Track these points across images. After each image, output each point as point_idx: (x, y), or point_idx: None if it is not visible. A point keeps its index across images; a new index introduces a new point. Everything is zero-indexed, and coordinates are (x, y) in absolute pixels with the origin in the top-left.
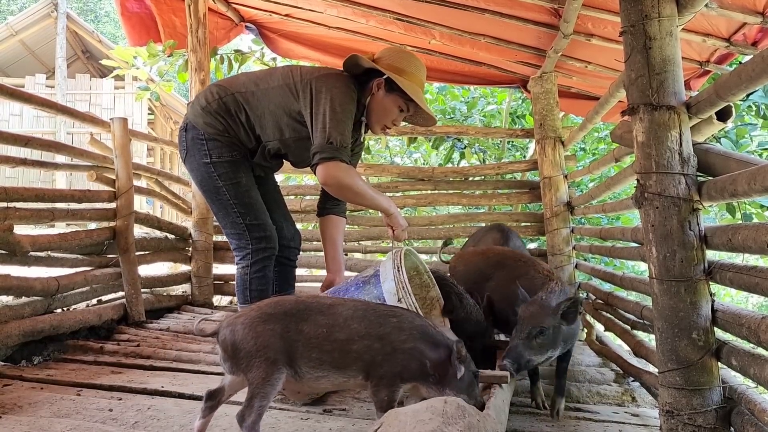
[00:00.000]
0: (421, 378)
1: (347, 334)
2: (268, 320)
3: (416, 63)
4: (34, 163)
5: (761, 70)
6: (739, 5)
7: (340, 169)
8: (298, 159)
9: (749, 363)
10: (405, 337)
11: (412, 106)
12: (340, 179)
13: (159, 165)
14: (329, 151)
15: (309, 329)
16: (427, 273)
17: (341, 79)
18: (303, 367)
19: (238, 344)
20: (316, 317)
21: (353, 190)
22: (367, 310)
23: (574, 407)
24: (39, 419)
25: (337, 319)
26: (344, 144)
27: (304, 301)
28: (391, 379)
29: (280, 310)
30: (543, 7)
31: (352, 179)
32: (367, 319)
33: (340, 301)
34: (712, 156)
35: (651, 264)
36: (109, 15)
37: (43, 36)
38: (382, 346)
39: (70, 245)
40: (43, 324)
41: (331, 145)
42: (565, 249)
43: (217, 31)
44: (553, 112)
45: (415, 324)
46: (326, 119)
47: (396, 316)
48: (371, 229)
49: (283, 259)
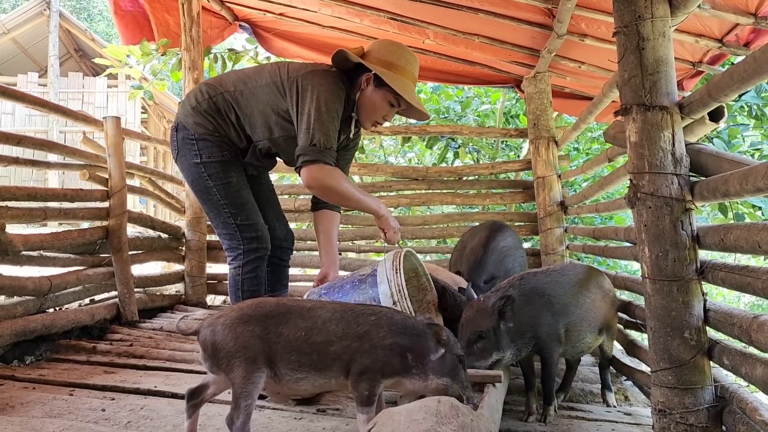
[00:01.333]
0: (403, 371)
1: (325, 336)
2: (248, 321)
3: (407, 56)
4: (26, 161)
5: (753, 70)
6: (732, 6)
7: (324, 171)
8: (290, 158)
9: (741, 362)
10: (384, 333)
11: (402, 101)
12: (324, 182)
13: (152, 164)
14: (312, 154)
15: (288, 332)
16: (425, 275)
17: (328, 76)
18: (282, 368)
19: (217, 344)
20: (295, 320)
21: (338, 193)
22: (345, 312)
23: (567, 406)
24: (31, 419)
25: (315, 321)
26: (328, 145)
27: (285, 304)
28: (372, 374)
29: (261, 312)
30: (537, 7)
31: (336, 181)
32: (345, 320)
33: (320, 304)
34: (705, 156)
35: (644, 263)
36: (102, 13)
37: (35, 34)
38: (361, 344)
39: (62, 244)
40: (36, 323)
41: (314, 147)
42: (558, 248)
43: (211, 30)
44: (547, 112)
45: (394, 320)
46: (311, 119)
47: (374, 314)
48: (365, 228)
49: (276, 259)
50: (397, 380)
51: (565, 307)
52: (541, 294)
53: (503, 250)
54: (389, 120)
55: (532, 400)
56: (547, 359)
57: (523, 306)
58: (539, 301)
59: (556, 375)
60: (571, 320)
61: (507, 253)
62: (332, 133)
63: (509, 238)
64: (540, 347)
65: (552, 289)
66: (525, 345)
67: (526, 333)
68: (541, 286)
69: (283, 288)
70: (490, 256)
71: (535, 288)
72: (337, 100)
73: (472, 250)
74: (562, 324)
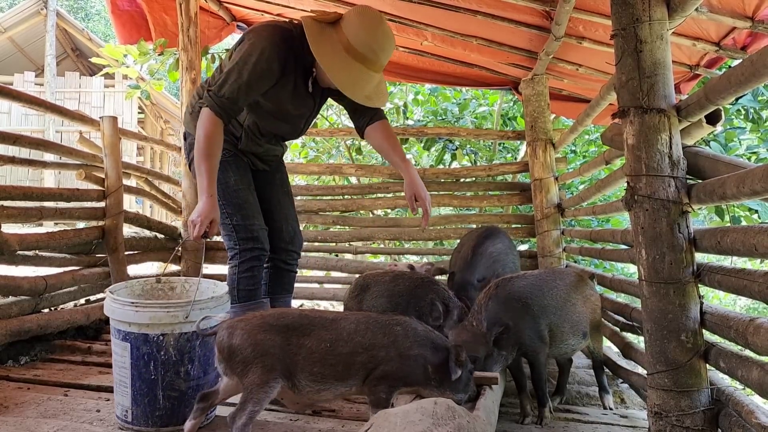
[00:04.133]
0: (424, 382)
1: (351, 347)
2: (269, 330)
3: (375, 45)
4: (22, 161)
5: (750, 74)
6: (729, 9)
7: (203, 115)
8: (280, 131)
9: (737, 365)
10: (410, 344)
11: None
12: (199, 124)
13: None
14: (206, 98)
15: (311, 344)
16: None
17: (273, 31)
18: (303, 380)
19: (234, 348)
20: (318, 332)
21: (197, 140)
22: (369, 322)
23: (563, 408)
24: (26, 420)
25: (340, 333)
26: (222, 94)
27: (308, 316)
28: (393, 380)
29: (283, 322)
30: (535, 9)
31: (202, 130)
32: (371, 330)
33: (343, 315)
34: (702, 159)
35: (640, 266)
36: (99, 13)
37: (32, 33)
38: (387, 353)
39: (58, 244)
40: (31, 323)
41: (210, 91)
42: (555, 251)
43: (209, 30)
44: (544, 115)
45: (419, 331)
46: (226, 68)
47: (399, 324)
48: (362, 230)
49: (280, 261)
50: (415, 389)
51: (543, 308)
52: (517, 298)
53: (492, 255)
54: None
55: (526, 402)
56: (534, 361)
57: (502, 314)
58: (516, 305)
59: (548, 377)
60: (552, 320)
61: (497, 258)
62: (240, 86)
63: (500, 243)
64: (525, 350)
65: (528, 292)
66: (510, 351)
67: (510, 340)
68: (516, 290)
69: (285, 292)
70: (480, 260)
71: (510, 293)
72: (270, 56)
73: (464, 252)
74: (544, 325)
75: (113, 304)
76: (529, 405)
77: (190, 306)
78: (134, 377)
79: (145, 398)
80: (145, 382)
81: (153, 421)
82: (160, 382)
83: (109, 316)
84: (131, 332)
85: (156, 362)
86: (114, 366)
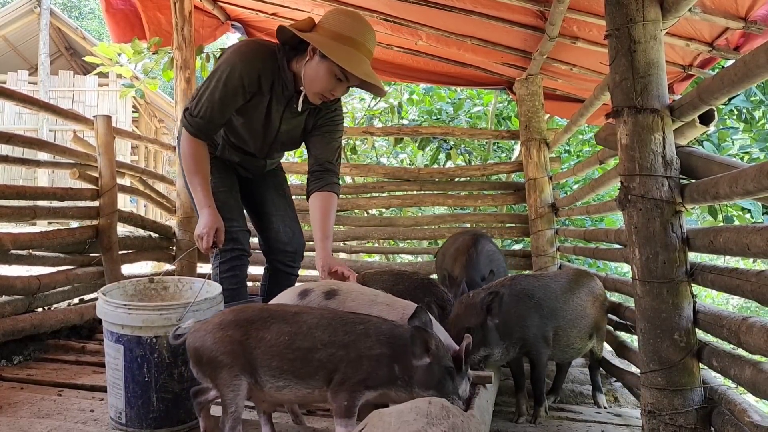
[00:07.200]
0: (389, 383)
1: (310, 342)
2: (228, 327)
3: (359, 27)
4: (15, 160)
5: (743, 74)
6: (722, 10)
7: (184, 137)
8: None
9: (730, 364)
10: (371, 343)
11: (351, 77)
12: (181, 147)
13: (143, 163)
14: (182, 119)
15: (270, 337)
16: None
17: (251, 48)
18: (263, 375)
19: (199, 351)
20: (278, 325)
21: (184, 162)
22: (333, 318)
23: (557, 407)
24: (19, 420)
25: (300, 327)
26: (197, 114)
27: (268, 309)
28: (354, 384)
29: (242, 317)
30: (529, 9)
31: (185, 151)
32: (332, 326)
33: (307, 309)
34: (695, 159)
35: (634, 265)
36: (93, 11)
37: (25, 32)
38: (347, 353)
39: (51, 243)
40: (24, 323)
41: (186, 111)
42: (549, 250)
43: (203, 29)
44: (539, 114)
45: (383, 329)
46: (201, 87)
47: (363, 322)
48: (356, 229)
49: (278, 263)
50: (382, 392)
51: (554, 311)
52: (531, 296)
53: (489, 255)
54: (338, 95)
55: (522, 401)
56: (535, 361)
57: (512, 306)
58: (529, 302)
59: (546, 376)
60: (560, 324)
61: (492, 258)
62: (213, 104)
63: (490, 244)
64: (528, 349)
65: (542, 292)
66: (513, 345)
67: (514, 333)
68: (531, 288)
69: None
70: (481, 260)
71: (525, 289)
72: (242, 73)
73: (461, 252)
74: (550, 327)
75: (106, 306)
76: (525, 405)
77: (184, 309)
78: (128, 379)
79: (139, 400)
80: (139, 385)
81: (147, 423)
82: (154, 384)
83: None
84: (124, 335)
85: (149, 364)
86: (107, 368)
